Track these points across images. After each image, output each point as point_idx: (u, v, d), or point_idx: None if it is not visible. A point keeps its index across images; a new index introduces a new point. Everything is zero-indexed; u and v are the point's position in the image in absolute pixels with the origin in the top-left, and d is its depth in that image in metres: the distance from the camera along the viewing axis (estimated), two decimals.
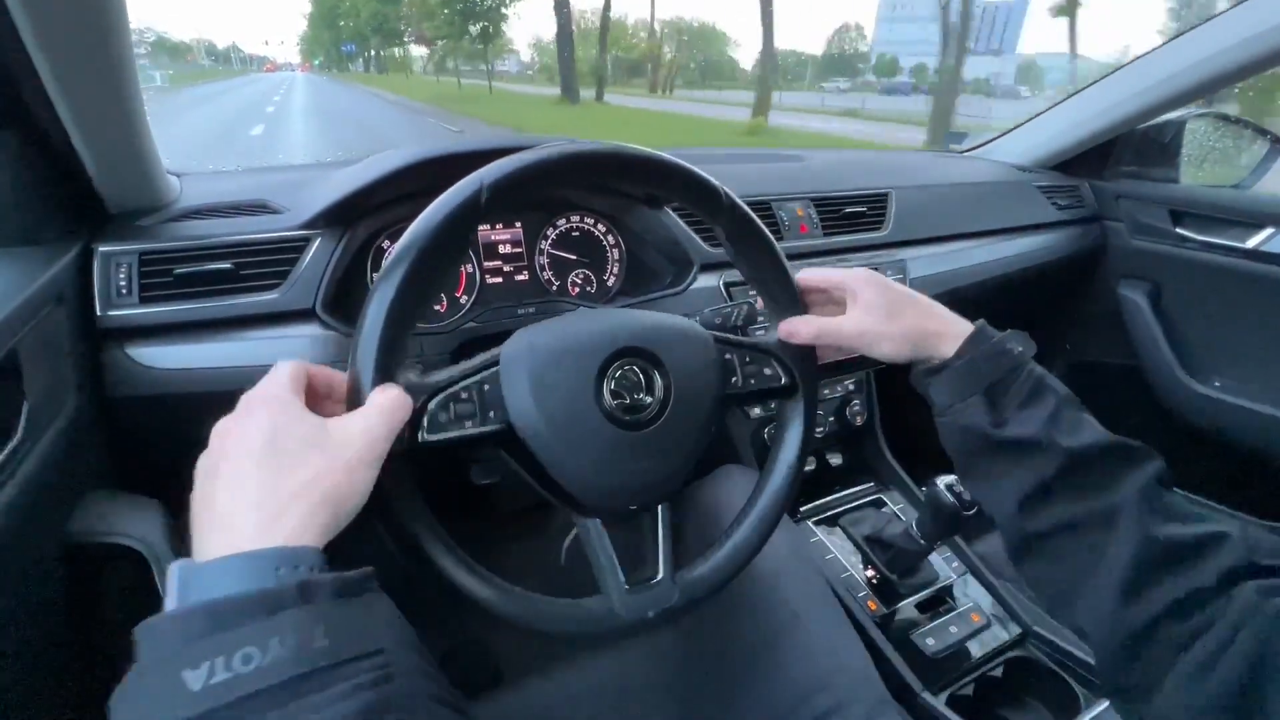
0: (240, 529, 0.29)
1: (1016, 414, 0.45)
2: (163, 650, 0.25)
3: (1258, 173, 1.19)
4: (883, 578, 0.80)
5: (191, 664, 0.24)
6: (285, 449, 0.31)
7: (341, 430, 0.34)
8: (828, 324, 0.52)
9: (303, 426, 0.33)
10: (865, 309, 0.52)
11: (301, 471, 0.31)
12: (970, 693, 0.71)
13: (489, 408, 0.43)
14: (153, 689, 0.24)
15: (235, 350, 0.64)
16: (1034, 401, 0.45)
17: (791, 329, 0.53)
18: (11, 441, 0.48)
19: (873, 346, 0.52)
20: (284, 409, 0.34)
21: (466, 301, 0.78)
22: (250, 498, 0.30)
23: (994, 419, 0.46)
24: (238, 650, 0.24)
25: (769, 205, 0.91)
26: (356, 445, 0.34)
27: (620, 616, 0.45)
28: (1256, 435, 1.05)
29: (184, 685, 0.23)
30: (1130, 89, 1.11)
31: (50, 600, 0.55)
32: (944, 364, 0.49)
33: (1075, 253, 1.22)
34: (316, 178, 0.75)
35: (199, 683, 0.24)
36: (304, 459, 0.31)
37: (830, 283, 0.55)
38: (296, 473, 0.31)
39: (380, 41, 58.25)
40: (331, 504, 0.31)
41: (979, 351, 0.48)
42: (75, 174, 0.61)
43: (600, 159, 0.46)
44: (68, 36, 0.49)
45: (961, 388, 0.47)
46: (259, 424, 0.32)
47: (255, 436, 0.32)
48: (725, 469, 0.74)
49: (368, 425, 0.35)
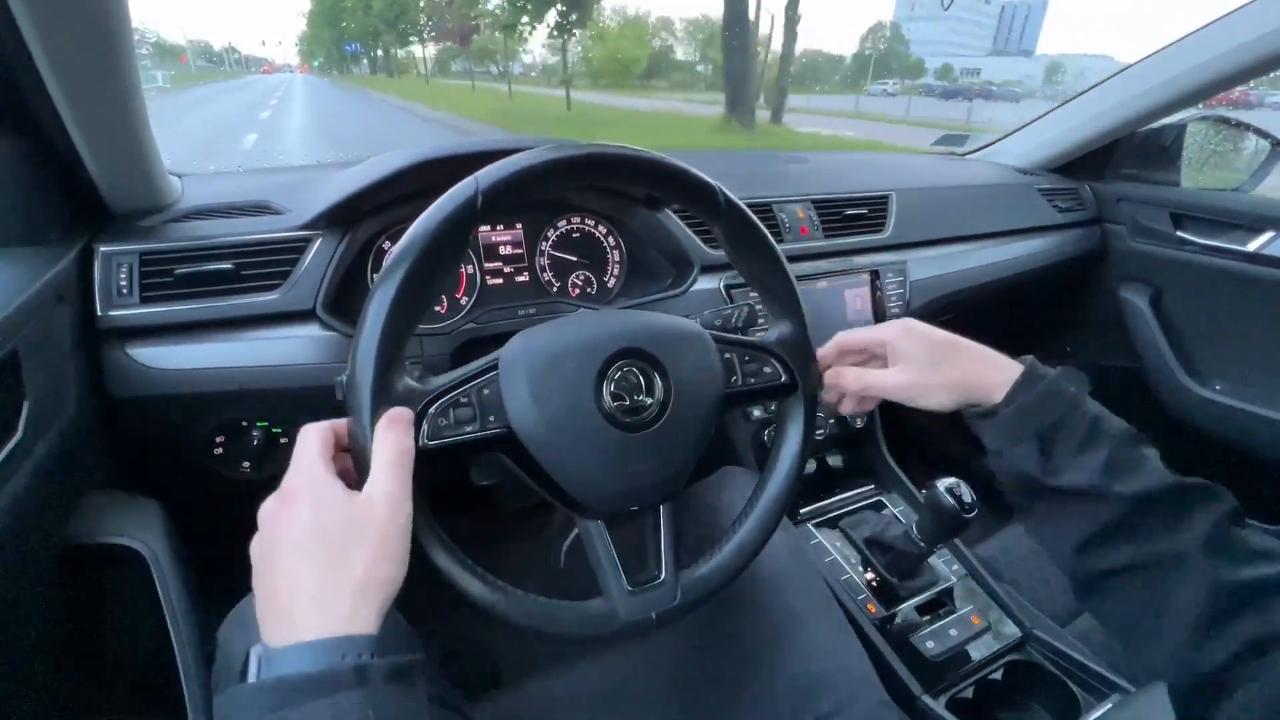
0: (303, 624, 0.32)
1: (1070, 461, 0.44)
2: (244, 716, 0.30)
3: (1258, 176, 1.19)
4: (883, 580, 0.80)
5: None
6: (331, 544, 0.34)
7: (368, 506, 0.36)
8: (871, 377, 0.53)
9: (341, 513, 0.35)
10: (907, 362, 0.52)
11: (349, 565, 0.34)
12: (970, 696, 0.71)
13: (489, 412, 0.43)
14: None
15: (236, 350, 0.64)
16: (1089, 447, 0.43)
17: (837, 380, 0.54)
18: (12, 441, 0.48)
19: (918, 399, 0.52)
20: (321, 494, 0.36)
21: (467, 302, 0.78)
22: (307, 592, 0.33)
23: (1046, 466, 0.44)
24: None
25: (770, 207, 0.91)
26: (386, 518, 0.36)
27: (622, 618, 0.45)
28: (1257, 437, 1.05)
29: None
30: (1131, 92, 1.11)
31: (50, 600, 0.55)
32: (994, 409, 0.48)
33: (1076, 255, 1.22)
34: (318, 178, 0.75)
35: None
36: (348, 553, 0.34)
37: (867, 341, 0.55)
38: (345, 567, 0.34)
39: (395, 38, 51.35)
40: (381, 586, 0.34)
41: (1030, 396, 0.47)
42: (77, 174, 0.61)
43: (596, 160, 0.46)
44: (70, 38, 0.49)
45: (1012, 433, 0.46)
46: (302, 516, 0.35)
47: (301, 530, 0.35)
48: (726, 470, 0.74)
49: (388, 492, 0.37)
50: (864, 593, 0.79)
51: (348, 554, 0.34)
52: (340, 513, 0.35)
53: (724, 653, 0.60)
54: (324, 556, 0.34)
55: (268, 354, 0.65)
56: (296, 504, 0.36)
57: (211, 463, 0.69)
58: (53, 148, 0.57)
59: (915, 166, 1.23)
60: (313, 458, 0.38)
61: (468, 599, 0.42)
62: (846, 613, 0.69)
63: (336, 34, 61.56)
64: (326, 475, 0.37)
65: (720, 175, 0.51)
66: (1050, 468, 0.44)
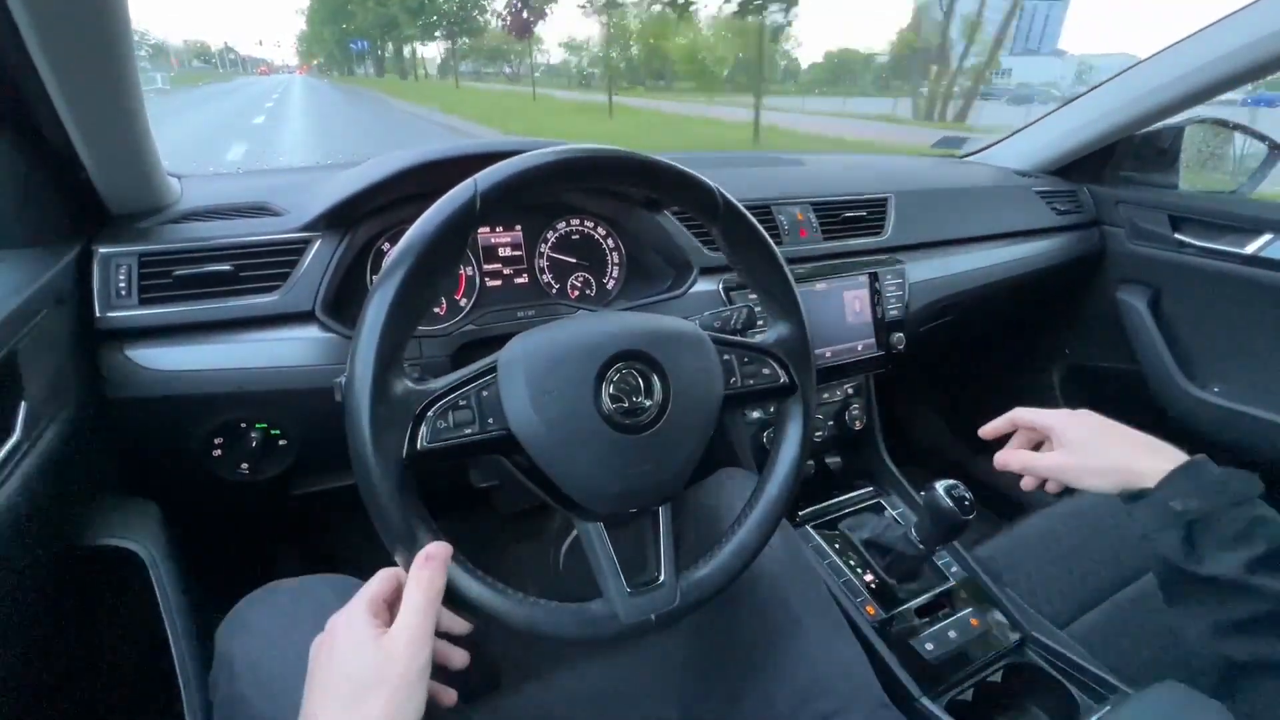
0: None
1: (1217, 553, 0.44)
2: None
3: (1256, 178, 1.19)
4: (882, 582, 0.80)
5: None
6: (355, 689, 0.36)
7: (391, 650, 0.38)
8: (1037, 460, 0.59)
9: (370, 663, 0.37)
10: (1070, 448, 0.57)
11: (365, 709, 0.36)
12: (969, 698, 0.71)
13: (488, 414, 0.43)
14: None
15: (234, 352, 0.64)
16: (1244, 542, 0.44)
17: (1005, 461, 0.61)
18: (9, 442, 0.48)
19: (1077, 480, 0.56)
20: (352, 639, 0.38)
21: (466, 304, 0.78)
22: None
23: (1191, 555, 0.45)
24: None
25: (769, 209, 0.91)
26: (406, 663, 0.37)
27: (622, 620, 0.45)
28: (1256, 440, 1.05)
29: None
30: (1130, 94, 1.11)
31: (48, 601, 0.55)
32: (1144, 491, 0.50)
33: (1074, 258, 1.22)
34: (317, 180, 0.75)
35: None
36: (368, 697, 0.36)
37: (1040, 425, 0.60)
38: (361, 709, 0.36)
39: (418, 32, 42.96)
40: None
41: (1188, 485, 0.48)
42: (75, 176, 0.61)
43: (594, 162, 0.46)
44: (69, 39, 0.49)
45: (1160, 518, 0.48)
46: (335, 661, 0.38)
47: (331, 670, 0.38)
48: (725, 472, 0.74)
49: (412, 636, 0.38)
50: (863, 594, 0.79)
51: (365, 698, 0.36)
52: (366, 656, 0.37)
53: (723, 654, 0.60)
54: (343, 697, 0.36)
55: (266, 356, 0.65)
56: (335, 645, 0.38)
57: (210, 464, 0.69)
58: (51, 149, 0.57)
59: (914, 169, 1.23)
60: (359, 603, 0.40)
61: (467, 601, 0.42)
62: (845, 614, 0.69)
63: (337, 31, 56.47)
64: (363, 617, 0.39)
65: (719, 177, 0.51)
66: (1195, 556, 0.45)
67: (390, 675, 0.37)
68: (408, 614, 0.38)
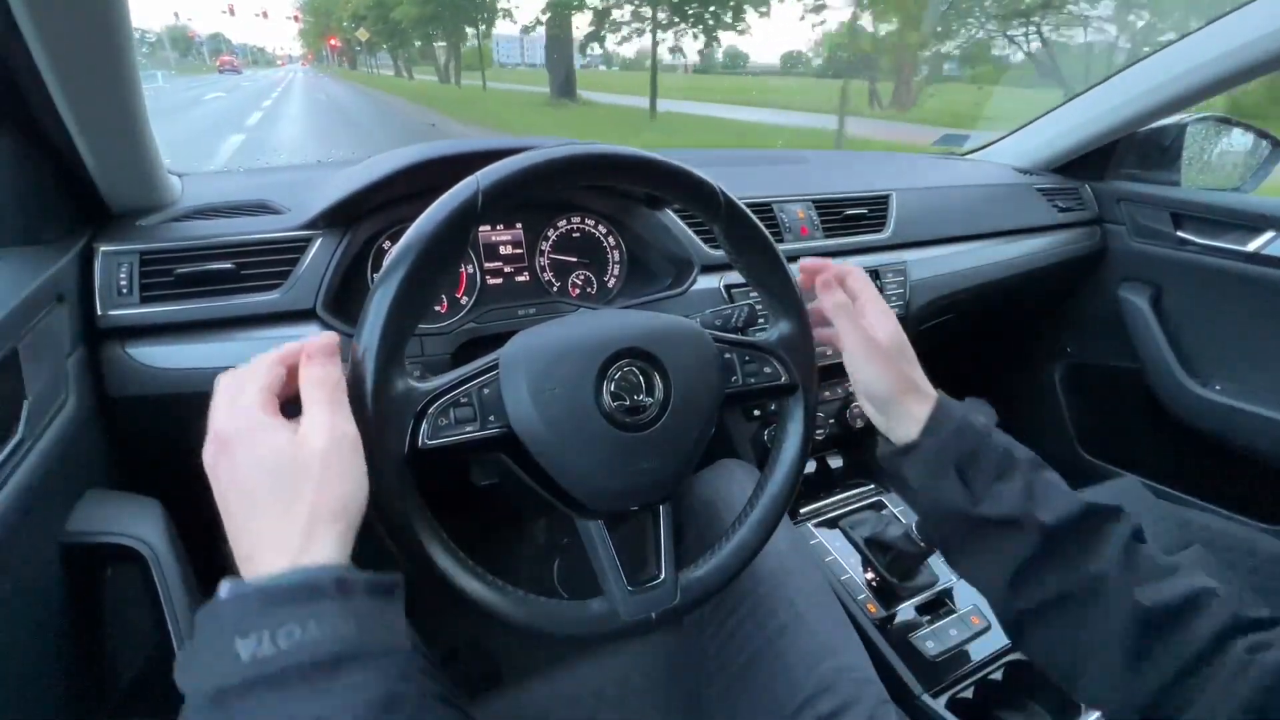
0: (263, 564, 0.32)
1: (990, 490, 0.45)
2: (220, 623, 0.29)
3: (1258, 176, 1.19)
4: (883, 580, 0.80)
5: (242, 633, 0.28)
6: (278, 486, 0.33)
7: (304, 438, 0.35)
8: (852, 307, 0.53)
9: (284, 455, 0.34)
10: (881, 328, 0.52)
11: (300, 502, 0.33)
12: (970, 695, 0.71)
13: (489, 412, 0.43)
14: (210, 654, 0.28)
15: (236, 350, 0.64)
16: (1005, 475, 0.45)
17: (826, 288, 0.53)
18: (11, 440, 0.48)
19: (865, 364, 0.51)
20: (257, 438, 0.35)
21: (467, 302, 0.78)
22: (269, 539, 0.33)
23: (969, 497, 0.46)
24: (281, 628, 0.28)
25: (770, 207, 0.91)
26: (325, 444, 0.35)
27: (623, 618, 0.45)
28: (1258, 438, 1.05)
29: (236, 653, 0.28)
30: (1131, 92, 1.11)
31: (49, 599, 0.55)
32: (912, 445, 0.49)
33: (1076, 255, 1.22)
34: (318, 178, 0.75)
35: (247, 652, 0.28)
36: (297, 489, 0.33)
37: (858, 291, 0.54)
38: (296, 505, 0.33)
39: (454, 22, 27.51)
40: (338, 517, 0.34)
41: (945, 430, 0.48)
42: (77, 174, 0.61)
43: (596, 160, 0.46)
44: (70, 37, 0.49)
45: (934, 467, 0.48)
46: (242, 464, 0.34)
47: (245, 477, 0.34)
48: (724, 464, 0.74)
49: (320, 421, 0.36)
50: (864, 592, 0.79)
51: (293, 491, 0.33)
52: (280, 452, 0.34)
53: (725, 652, 0.60)
54: (270, 499, 0.33)
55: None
56: (236, 449, 0.35)
57: None
58: (53, 147, 0.57)
59: (915, 166, 1.23)
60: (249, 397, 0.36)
61: (468, 600, 0.42)
62: (846, 612, 0.69)
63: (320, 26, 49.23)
64: (261, 413, 0.35)
65: (720, 175, 0.51)
66: (973, 498, 0.45)
67: (312, 462, 0.34)
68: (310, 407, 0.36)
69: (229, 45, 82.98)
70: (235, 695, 0.27)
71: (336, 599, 0.30)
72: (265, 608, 0.29)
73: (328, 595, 0.30)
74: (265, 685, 0.27)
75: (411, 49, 33.43)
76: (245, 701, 0.27)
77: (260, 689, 0.27)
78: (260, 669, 0.27)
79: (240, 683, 0.27)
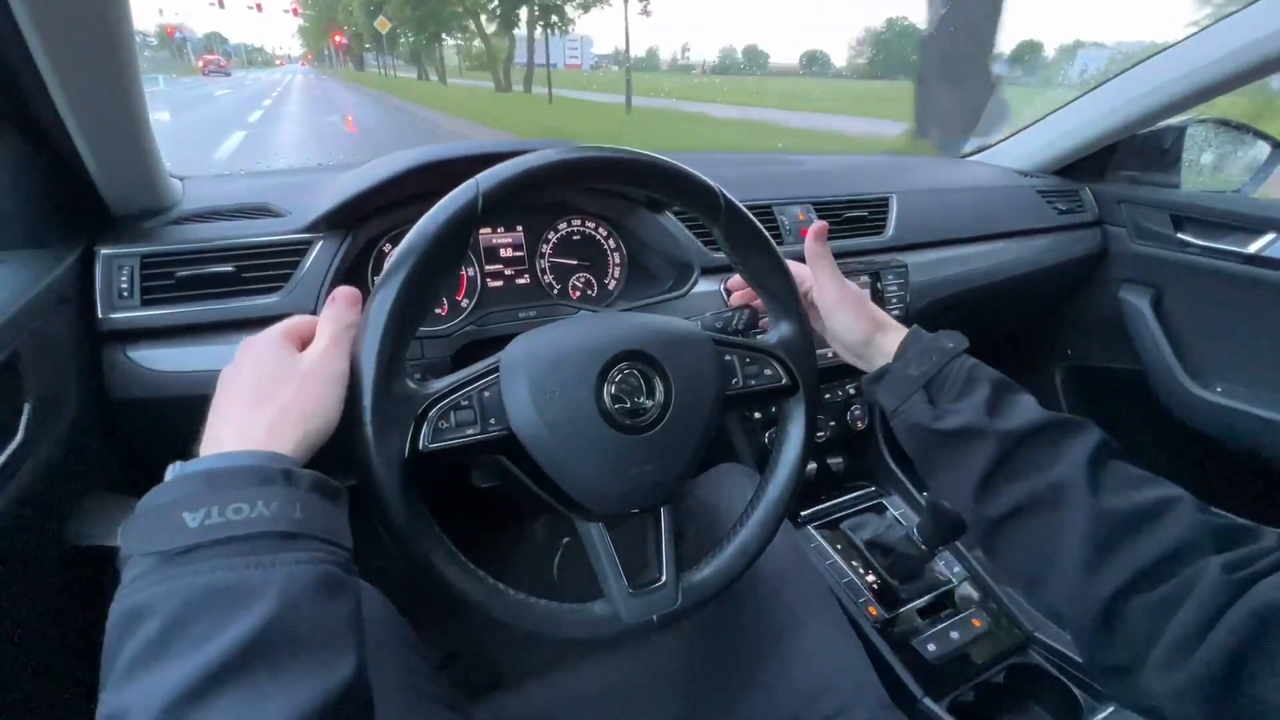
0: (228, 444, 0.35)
1: (953, 405, 0.48)
2: (166, 497, 0.31)
3: (1259, 178, 1.19)
4: (884, 583, 0.80)
5: (190, 509, 0.30)
6: (263, 385, 0.38)
7: (300, 357, 0.40)
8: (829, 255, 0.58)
9: (279, 364, 0.39)
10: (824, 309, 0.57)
11: (275, 401, 0.37)
12: (971, 698, 0.71)
13: (489, 414, 0.43)
14: (156, 523, 0.30)
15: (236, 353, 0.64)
16: (969, 391, 0.48)
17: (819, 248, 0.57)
18: (12, 444, 0.48)
19: (836, 309, 0.56)
20: (265, 351, 0.40)
21: (468, 305, 0.78)
22: (234, 425, 0.36)
23: (935, 413, 0.48)
24: (229, 504, 0.30)
25: (770, 209, 0.91)
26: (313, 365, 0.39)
27: (624, 620, 0.45)
28: (1259, 440, 1.05)
29: (183, 522, 0.29)
30: (1131, 94, 1.11)
31: (51, 602, 0.55)
32: (886, 369, 0.53)
33: (1076, 257, 1.22)
34: (319, 181, 0.76)
35: (195, 522, 0.29)
36: (277, 390, 0.37)
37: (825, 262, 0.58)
38: (272, 402, 0.37)
39: None
40: (302, 422, 0.37)
41: (914, 351, 0.51)
42: (78, 177, 0.61)
43: (596, 163, 0.46)
44: (72, 40, 0.49)
45: (903, 388, 0.51)
46: (245, 366, 0.39)
47: (242, 376, 0.39)
48: (724, 468, 0.74)
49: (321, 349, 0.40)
50: (865, 595, 0.79)
51: (274, 391, 0.37)
52: (280, 366, 0.39)
53: (725, 655, 0.60)
54: (254, 396, 0.37)
55: None
56: (246, 359, 0.40)
57: None
58: (54, 150, 0.57)
59: (915, 168, 1.23)
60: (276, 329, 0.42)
61: (469, 603, 0.42)
62: (847, 615, 0.69)
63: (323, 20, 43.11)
64: (280, 340, 0.40)
65: (720, 177, 0.51)
66: (938, 414, 0.48)
67: (295, 375, 0.38)
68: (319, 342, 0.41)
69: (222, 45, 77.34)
70: (182, 557, 0.29)
71: (284, 486, 0.32)
72: (212, 488, 0.31)
73: (276, 482, 0.32)
74: (212, 548, 0.29)
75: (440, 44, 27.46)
76: (192, 563, 0.29)
77: (206, 551, 0.29)
78: (208, 534, 0.29)
79: (187, 546, 0.29)
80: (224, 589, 0.28)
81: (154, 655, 0.27)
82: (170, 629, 0.27)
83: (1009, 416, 0.45)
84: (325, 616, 0.30)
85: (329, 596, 0.31)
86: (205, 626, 0.27)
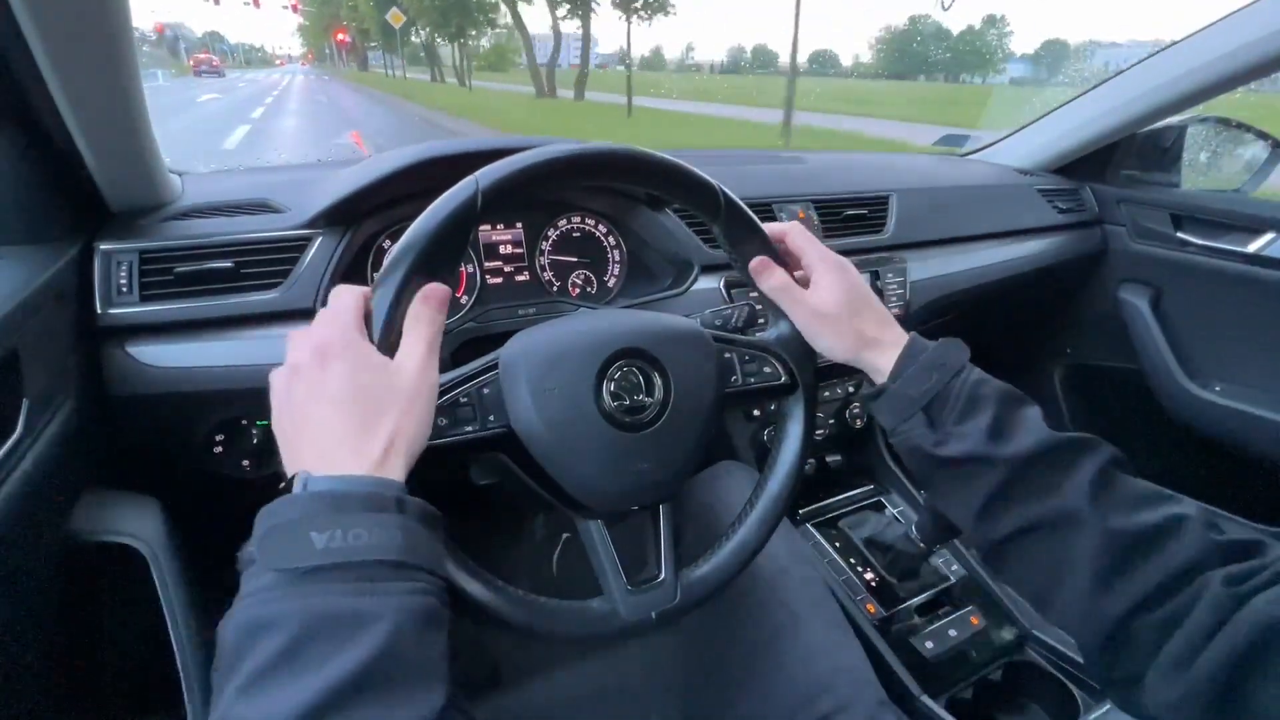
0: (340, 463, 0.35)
1: (954, 430, 0.45)
2: (296, 513, 0.32)
3: (1258, 177, 1.19)
4: (882, 580, 0.80)
5: (317, 529, 0.31)
6: (367, 402, 0.37)
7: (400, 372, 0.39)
8: (793, 286, 0.52)
9: (377, 379, 0.38)
10: (829, 292, 0.52)
11: (384, 425, 0.36)
12: (969, 696, 0.71)
13: (489, 412, 0.43)
14: (287, 539, 0.31)
15: (235, 349, 0.64)
16: (971, 414, 0.45)
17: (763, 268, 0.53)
18: (11, 439, 0.48)
19: (817, 336, 0.52)
20: (357, 357, 0.38)
21: (467, 302, 0.78)
22: (345, 439, 0.36)
23: (935, 438, 0.46)
24: (351, 529, 0.31)
25: (770, 207, 0.91)
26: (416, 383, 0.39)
27: (623, 618, 0.45)
28: (1257, 439, 1.05)
29: (311, 543, 0.31)
30: (1132, 93, 1.11)
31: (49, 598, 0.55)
32: (883, 387, 0.50)
33: (1076, 256, 1.22)
34: (318, 177, 0.75)
35: (321, 543, 0.31)
36: (382, 411, 0.37)
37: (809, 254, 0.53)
38: (379, 423, 0.36)
39: None
40: (409, 442, 0.37)
41: (913, 370, 0.48)
42: (77, 173, 0.61)
43: (596, 159, 0.46)
44: (71, 36, 0.49)
45: (901, 409, 0.48)
46: (340, 375, 0.37)
47: (340, 386, 0.37)
48: (723, 465, 0.74)
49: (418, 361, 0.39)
50: (863, 593, 0.79)
51: (381, 412, 0.37)
52: (377, 376, 0.38)
53: (723, 653, 0.60)
54: (360, 411, 0.36)
55: (268, 353, 0.64)
56: (335, 362, 0.37)
57: (211, 461, 0.69)
58: (53, 146, 0.57)
59: (915, 167, 1.23)
60: (349, 323, 0.39)
61: (468, 600, 0.42)
62: (845, 613, 0.69)
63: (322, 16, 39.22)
64: (361, 338, 0.39)
65: (720, 175, 0.51)
66: (939, 438, 0.46)
67: (401, 396, 0.38)
68: (412, 344, 0.40)
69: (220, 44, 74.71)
70: (307, 576, 0.30)
71: (396, 514, 0.33)
72: (336, 510, 0.32)
73: (389, 510, 0.33)
74: (333, 571, 0.31)
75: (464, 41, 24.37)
76: (316, 584, 0.30)
77: (327, 574, 0.30)
78: (331, 557, 0.31)
79: (315, 566, 0.30)
80: (342, 614, 0.30)
81: (277, 671, 0.29)
82: (291, 649, 0.29)
83: (1013, 440, 0.43)
84: (427, 647, 0.32)
85: (432, 628, 0.33)
86: (323, 649, 0.29)
